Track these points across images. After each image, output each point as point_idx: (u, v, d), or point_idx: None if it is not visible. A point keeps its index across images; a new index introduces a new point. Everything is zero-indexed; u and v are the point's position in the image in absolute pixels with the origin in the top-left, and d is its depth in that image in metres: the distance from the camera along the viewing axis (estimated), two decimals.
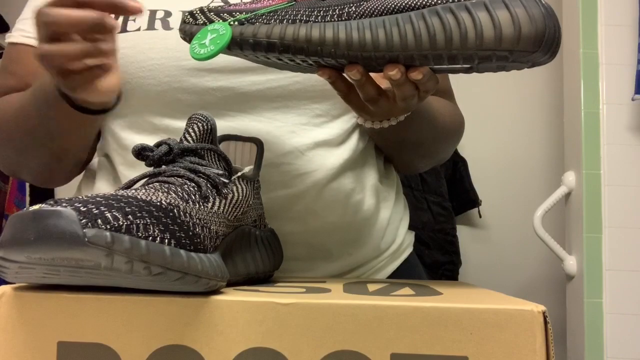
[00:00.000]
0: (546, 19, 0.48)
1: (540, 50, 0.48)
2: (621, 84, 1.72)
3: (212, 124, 0.52)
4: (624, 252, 1.69)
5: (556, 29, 0.48)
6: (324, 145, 0.72)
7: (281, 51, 0.51)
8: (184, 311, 0.40)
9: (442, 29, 0.48)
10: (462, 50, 0.48)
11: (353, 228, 0.74)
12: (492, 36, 0.47)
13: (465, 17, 0.47)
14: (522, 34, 0.47)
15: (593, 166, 1.71)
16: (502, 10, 0.47)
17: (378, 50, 0.49)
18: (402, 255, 0.81)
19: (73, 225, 0.35)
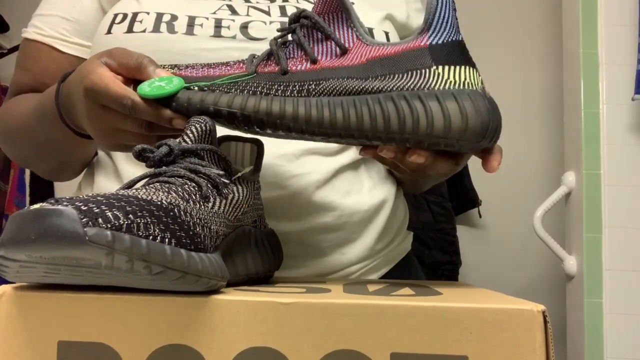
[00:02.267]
0: (490, 113, 0.52)
1: (484, 139, 0.52)
2: (621, 84, 1.72)
3: (210, 125, 0.52)
4: (624, 252, 1.69)
5: (498, 120, 0.53)
6: (317, 154, 0.72)
7: (240, 122, 0.53)
8: (184, 311, 0.40)
9: (396, 114, 0.51)
10: (414, 135, 0.51)
11: (347, 229, 0.74)
12: (442, 125, 0.51)
13: (418, 105, 0.51)
14: (468, 125, 0.51)
15: (593, 166, 1.71)
16: (452, 103, 0.51)
17: (334, 128, 0.52)
18: (398, 257, 0.81)
19: (74, 224, 0.35)
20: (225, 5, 0.74)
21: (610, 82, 1.73)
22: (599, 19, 1.74)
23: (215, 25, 0.71)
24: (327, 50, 0.55)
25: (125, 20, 0.71)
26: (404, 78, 0.53)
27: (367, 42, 0.55)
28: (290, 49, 0.56)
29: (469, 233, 2.14)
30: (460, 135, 0.51)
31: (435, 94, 0.51)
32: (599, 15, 1.74)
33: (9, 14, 2.09)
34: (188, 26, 0.70)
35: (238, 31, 0.71)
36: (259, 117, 0.52)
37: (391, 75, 0.53)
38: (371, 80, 0.53)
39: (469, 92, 0.52)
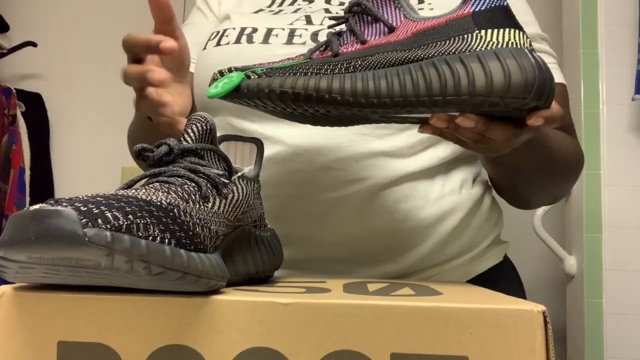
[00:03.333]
0: (537, 69, 0.52)
1: (531, 97, 0.52)
2: (621, 84, 1.72)
3: (211, 124, 0.52)
4: (624, 252, 1.69)
5: (547, 79, 0.52)
6: (383, 156, 0.72)
7: (292, 99, 0.55)
8: (184, 311, 0.40)
9: (438, 78, 0.52)
10: (456, 96, 0.52)
11: (400, 235, 0.73)
12: (483, 84, 0.51)
13: (459, 67, 0.52)
14: (512, 82, 0.51)
15: (593, 166, 1.71)
16: (494, 62, 0.52)
17: (380, 97, 0.53)
18: (472, 271, 0.78)
19: (73, 224, 0.35)
20: (304, 16, 0.79)
21: (610, 82, 1.73)
22: (599, 19, 1.74)
23: (289, 34, 0.76)
24: (376, 31, 0.58)
25: (217, 36, 0.80)
26: (447, 44, 0.54)
27: (413, 19, 0.57)
28: (344, 37, 0.59)
29: None
30: (503, 92, 0.51)
31: (477, 55, 0.52)
32: (599, 15, 1.74)
33: (9, 14, 2.09)
34: (265, 36, 0.76)
35: (309, 38, 0.75)
36: (307, 93, 0.54)
37: (434, 44, 0.54)
38: (414, 50, 0.54)
39: (512, 49, 0.52)
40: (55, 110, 2.15)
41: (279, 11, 0.83)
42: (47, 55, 2.16)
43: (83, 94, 2.16)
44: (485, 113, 0.54)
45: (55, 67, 2.17)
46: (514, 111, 0.53)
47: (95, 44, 2.17)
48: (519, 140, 0.57)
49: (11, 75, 2.14)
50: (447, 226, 0.75)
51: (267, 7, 0.85)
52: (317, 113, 0.57)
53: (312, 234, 0.73)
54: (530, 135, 0.57)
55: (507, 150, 0.59)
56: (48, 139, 2.14)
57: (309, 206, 0.72)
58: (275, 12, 0.83)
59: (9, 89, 2.03)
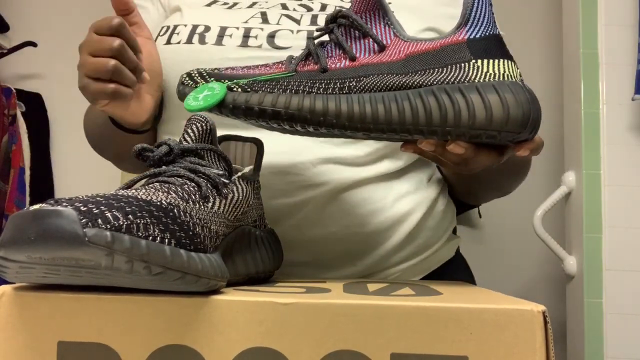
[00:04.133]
0: (530, 104, 0.52)
1: (525, 131, 0.53)
2: (621, 84, 1.72)
3: (211, 125, 0.52)
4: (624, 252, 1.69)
5: (538, 112, 0.53)
6: (339, 163, 0.72)
7: (285, 120, 0.53)
8: (184, 311, 0.40)
9: (438, 108, 0.52)
10: (456, 128, 0.52)
11: (358, 239, 0.72)
12: (484, 117, 0.51)
13: (459, 98, 0.52)
14: (510, 116, 0.52)
15: (593, 166, 1.71)
16: (493, 95, 0.52)
17: (377, 123, 0.52)
18: (431, 266, 0.79)
19: (73, 224, 0.35)
20: (259, 13, 0.76)
21: (610, 82, 1.73)
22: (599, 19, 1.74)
23: (244, 35, 0.73)
24: (365, 48, 0.57)
25: (166, 32, 0.76)
26: (444, 72, 0.53)
27: (404, 39, 0.56)
28: (329, 48, 0.57)
29: (468, 233, 2.14)
30: (501, 126, 0.52)
31: (476, 86, 0.52)
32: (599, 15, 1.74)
33: (9, 14, 2.09)
34: (218, 37, 0.73)
35: (265, 40, 0.73)
36: (302, 115, 0.53)
37: (431, 70, 0.54)
38: (411, 75, 0.54)
39: (509, 83, 0.53)
40: (55, 110, 2.15)
41: (233, 4, 0.79)
42: (47, 55, 2.16)
43: None
44: (475, 142, 0.54)
45: (55, 67, 2.17)
46: (505, 142, 0.54)
47: None
48: (499, 164, 0.58)
49: (11, 75, 2.14)
50: (405, 228, 0.75)
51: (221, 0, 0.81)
52: (305, 131, 0.55)
53: None
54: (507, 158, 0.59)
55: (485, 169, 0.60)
56: (48, 139, 2.14)
57: (265, 211, 0.71)
58: (229, 5, 0.79)
59: (9, 89, 2.03)
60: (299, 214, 0.71)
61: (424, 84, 0.53)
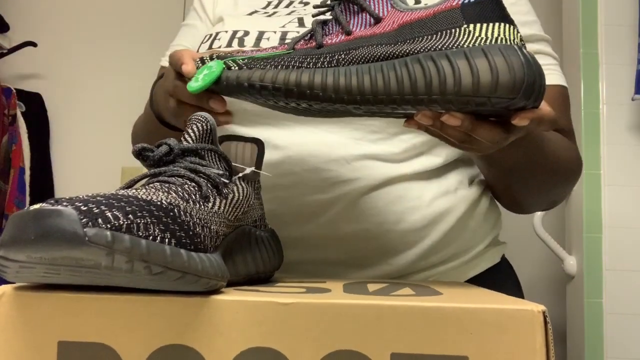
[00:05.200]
0: (526, 68, 0.49)
1: (519, 97, 0.49)
2: (621, 84, 1.72)
3: (211, 124, 0.52)
4: (624, 252, 1.69)
5: (537, 76, 0.50)
6: (375, 159, 0.72)
7: (273, 94, 0.54)
8: (184, 311, 0.40)
9: (422, 75, 0.50)
10: (441, 95, 0.50)
11: (392, 237, 0.72)
12: (470, 83, 0.49)
13: (445, 64, 0.50)
14: (499, 81, 0.49)
15: (593, 166, 1.71)
16: (481, 59, 0.49)
17: (363, 94, 0.51)
18: (468, 273, 0.77)
19: (73, 224, 0.35)
20: (297, 18, 0.78)
21: (610, 82, 1.73)
22: (599, 19, 1.74)
23: (281, 37, 0.75)
24: (362, 22, 0.56)
25: (209, 39, 0.79)
26: (433, 39, 0.52)
27: (400, 9, 0.55)
28: (330, 25, 0.57)
29: None
30: (490, 92, 0.49)
31: (464, 52, 0.50)
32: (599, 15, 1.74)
33: (9, 14, 2.09)
34: (256, 40, 0.76)
35: None
36: (289, 88, 0.53)
37: (420, 38, 0.53)
38: (400, 45, 0.53)
39: (501, 47, 0.50)
40: (55, 110, 2.15)
41: (273, 13, 0.82)
42: (47, 55, 2.16)
43: (83, 94, 2.16)
44: (472, 112, 0.52)
45: (55, 67, 2.17)
46: (501, 110, 0.51)
47: (95, 44, 2.17)
48: (506, 141, 0.55)
49: (11, 75, 2.14)
50: (442, 228, 0.74)
51: (262, 9, 0.85)
52: (299, 106, 0.55)
53: (303, 236, 0.72)
54: (519, 136, 0.56)
55: (494, 149, 0.57)
56: (48, 139, 2.14)
57: (298, 208, 0.72)
58: (269, 14, 0.82)
59: (9, 89, 2.03)
60: (332, 210, 0.71)
61: (411, 52, 0.52)
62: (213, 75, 0.55)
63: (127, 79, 2.11)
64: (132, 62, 2.13)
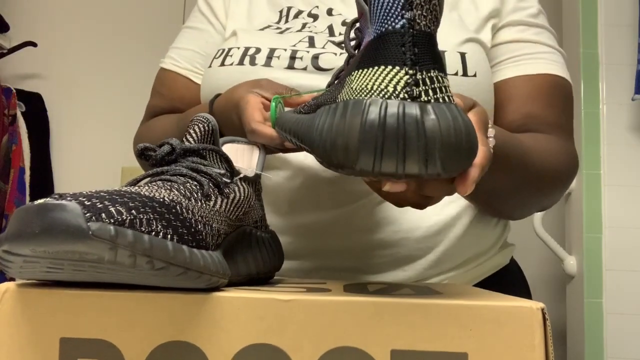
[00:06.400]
0: (365, 129, 0.38)
1: (359, 165, 0.39)
2: (621, 84, 1.72)
3: (213, 126, 0.53)
4: (624, 252, 1.69)
5: (349, 137, 0.39)
6: None
7: (291, 141, 0.51)
8: (186, 307, 0.41)
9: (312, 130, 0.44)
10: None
11: (407, 244, 0.72)
12: (319, 148, 0.41)
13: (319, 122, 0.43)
14: (327, 146, 0.40)
15: (593, 166, 1.72)
16: (323, 118, 0.42)
17: (312, 147, 0.43)
18: (479, 275, 0.77)
19: (77, 218, 0.35)
20: (307, 37, 0.78)
21: (610, 82, 1.73)
22: (599, 19, 1.75)
23: (291, 56, 0.75)
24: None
25: (222, 55, 0.79)
26: (339, 89, 0.44)
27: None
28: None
29: None
30: (329, 159, 0.40)
31: (325, 109, 0.43)
32: (599, 15, 1.75)
33: (9, 14, 2.09)
34: (267, 58, 0.75)
35: (309, 62, 0.74)
36: (287, 138, 0.52)
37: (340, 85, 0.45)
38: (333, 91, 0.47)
39: (351, 102, 0.40)
40: (55, 110, 2.15)
41: (285, 29, 0.82)
42: (47, 55, 2.16)
43: (83, 94, 2.16)
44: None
45: (55, 67, 2.18)
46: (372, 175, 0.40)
47: (95, 44, 2.18)
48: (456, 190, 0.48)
49: (11, 75, 2.14)
50: (455, 233, 0.74)
51: (274, 23, 0.84)
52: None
53: (318, 247, 0.73)
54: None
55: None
56: (48, 139, 2.14)
57: (313, 221, 0.72)
58: (282, 30, 0.82)
59: (9, 89, 2.04)
60: (346, 221, 0.71)
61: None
62: (272, 109, 0.56)
63: (127, 79, 2.11)
64: (132, 62, 2.13)
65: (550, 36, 0.84)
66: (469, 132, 0.40)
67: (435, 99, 0.39)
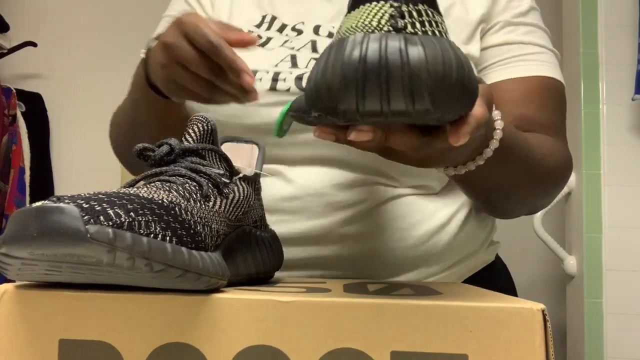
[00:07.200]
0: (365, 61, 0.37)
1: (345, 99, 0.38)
2: (621, 84, 1.72)
3: (212, 125, 0.53)
4: (624, 252, 1.69)
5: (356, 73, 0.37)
6: (375, 183, 0.72)
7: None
8: (185, 309, 0.41)
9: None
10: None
11: (397, 254, 0.72)
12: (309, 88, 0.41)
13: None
14: (309, 90, 0.40)
15: (593, 166, 1.72)
16: (320, 63, 0.40)
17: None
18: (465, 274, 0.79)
19: (75, 221, 0.35)
20: (289, 56, 0.76)
21: (610, 82, 1.73)
22: (599, 19, 1.75)
23: (273, 79, 0.74)
24: None
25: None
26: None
27: None
28: None
29: None
30: (311, 104, 0.40)
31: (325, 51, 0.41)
32: (599, 15, 1.75)
33: (9, 14, 2.09)
34: None
35: (293, 83, 0.73)
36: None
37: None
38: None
39: (336, 42, 0.39)
40: (55, 110, 2.15)
41: (266, 39, 0.79)
42: (47, 55, 2.16)
43: (83, 94, 2.16)
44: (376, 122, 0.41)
45: (55, 67, 2.17)
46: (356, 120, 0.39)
47: (95, 44, 2.18)
48: (430, 146, 0.45)
49: (11, 75, 2.14)
50: (444, 239, 0.74)
51: (255, 27, 0.81)
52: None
53: (308, 257, 0.73)
54: (445, 144, 0.44)
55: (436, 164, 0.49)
56: (48, 139, 2.14)
57: (303, 230, 0.72)
58: (263, 40, 0.79)
59: (9, 89, 2.04)
60: (336, 233, 0.71)
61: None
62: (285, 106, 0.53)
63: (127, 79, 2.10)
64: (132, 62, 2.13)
65: (542, 35, 0.82)
66: (462, 66, 0.37)
67: (423, 31, 0.37)
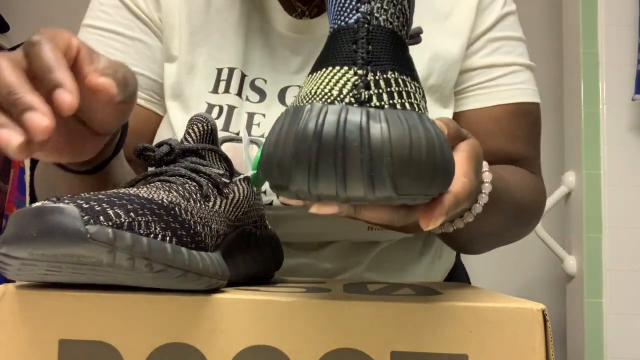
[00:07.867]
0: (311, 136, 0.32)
1: (294, 184, 0.33)
2: (621, 84, 1.72)
3: (212, 125, 0.53)
4: (624, 252, 1.69)
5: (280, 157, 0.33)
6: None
7: None
8: (185, 309, 0.41)
9: None
10: None
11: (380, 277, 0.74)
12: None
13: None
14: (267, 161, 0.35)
15: (593, 166, 1.72)
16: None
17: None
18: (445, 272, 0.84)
19: (75, 221, 0.35)
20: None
21: (610, 82, 1.73)
22: (599, 19, 1.74)
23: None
24: None
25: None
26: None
27: None
28: None
29: None
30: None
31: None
32: (599, 15, 1.75)
33: (9, 14, 2.09)
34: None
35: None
36: None
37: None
38: None
39: (287, 111, 0.35)
40: None
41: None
42: None
43: None
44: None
45: None
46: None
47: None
48: (408, 218, 0.39)
49: None
50: (421, 270, 0.78)
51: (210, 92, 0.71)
52: None
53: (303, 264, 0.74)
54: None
55: (420, 231, 0.44)
56: None
57: (285, 265, 0.69)
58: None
59: None
60: (318, 267, 0.72)
61: None
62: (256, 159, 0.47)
63: None
64: None
65: (512, 47, 0.74)
66: (433, 145, 0.32)
67: (391, 104, 0.33)
